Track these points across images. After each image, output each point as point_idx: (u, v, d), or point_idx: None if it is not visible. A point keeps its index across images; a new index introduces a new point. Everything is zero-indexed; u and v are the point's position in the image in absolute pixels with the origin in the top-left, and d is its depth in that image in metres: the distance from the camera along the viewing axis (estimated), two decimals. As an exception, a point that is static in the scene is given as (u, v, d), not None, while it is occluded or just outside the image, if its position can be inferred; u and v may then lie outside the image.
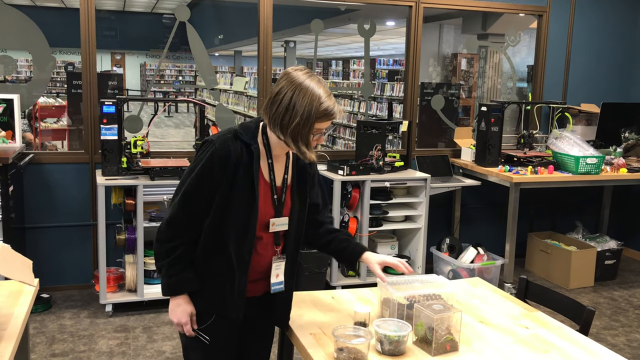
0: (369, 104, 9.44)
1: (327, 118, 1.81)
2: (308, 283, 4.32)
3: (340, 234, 2.18)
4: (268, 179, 1.93)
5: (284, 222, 1.98)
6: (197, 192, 1.86)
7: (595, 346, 1.97)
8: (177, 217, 1.89)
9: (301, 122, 1.78)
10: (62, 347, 3.60)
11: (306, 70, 1.85)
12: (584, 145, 4.81)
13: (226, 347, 2.01)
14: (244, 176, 1.86)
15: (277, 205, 1.95)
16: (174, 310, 1.94)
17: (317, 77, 1.84)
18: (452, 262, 4.72)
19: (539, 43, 5.43)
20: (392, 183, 4.54)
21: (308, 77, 1.82)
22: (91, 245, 4.46)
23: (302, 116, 1.78)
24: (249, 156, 1.86)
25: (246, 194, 1.86)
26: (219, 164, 1.83)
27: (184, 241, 1.90)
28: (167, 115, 19.97)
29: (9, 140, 4.05)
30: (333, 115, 1.82)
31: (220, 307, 1.93)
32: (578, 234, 5.35)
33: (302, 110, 1.78)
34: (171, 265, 1.90)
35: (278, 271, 2.00)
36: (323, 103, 1.79)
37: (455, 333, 1.87)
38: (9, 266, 1.85)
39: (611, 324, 4.24)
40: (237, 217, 1.86)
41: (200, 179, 1.85)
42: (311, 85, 1.80)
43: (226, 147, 1.84)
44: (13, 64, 4.58)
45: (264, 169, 1.92)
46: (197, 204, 1.87)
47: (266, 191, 1.93)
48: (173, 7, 14.49)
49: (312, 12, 8.32)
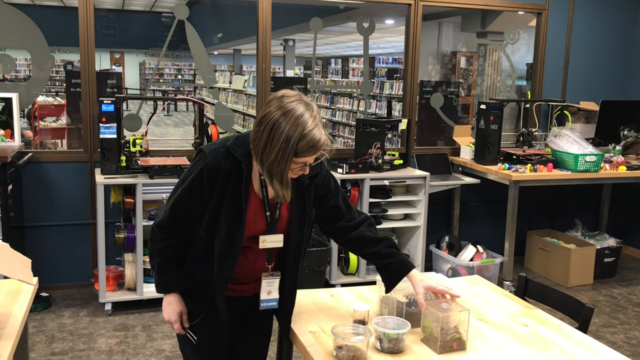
0: (368, 102, 9.44)
1: (310, 152, 1.70)
2: (307, 281, 4.32)
3: (384, 246, 1.99)
4: (260, 195, 1.88)
5: (277, 239, 1.91)
6: (185, 204, 1.86)
7: (595, 344, 1.97)
8: (166, 223, 1.91)
9: (277, 158, 1.68)
10: (61, 345, 3.60)
11: (297, 96, 1.72)
12: (583, 143, 4.81)
13: (218, 342, 2.02)
14: (233, 192, 1.82)
15: (269, 223, 1.90)
16: (165, 308, 1.98)
17: (310, 105, 1.72)
18: (452, 260, 4.73)
19: (538, 41, 5.43)
20: (391, 181, 4.54)
21: (297, 103, 1.70)
22: (90, 244, 4.46)
23: (278, 152, 1.67)
24: (239, 173, 1.82)
25: (234, 209, 1.83)
26: (208, 179, 1.81)
27: (176, 242, 1.92)
28: (166, 114, 19.97)
29: (8, 139, 4.04)
30: (315, 149, 1.70)
31: (208, 309, 1.95)
32: (577, 232, 5.36)
33: (280, 146, 1.66)
34: (163, 264, 1.92)
35: (270, 288, 1.96)
36: (306, 135, 1.67)
37: (463, 332, 1.88)
38: (8, 265, 1.85)
39: (610, 321, 4.24)
40: (223, 231, 1.84)
41: (190, 193, 1.84)
42: (295, 116, 1.67)
43: (217, 163, 1.80)
44: (12, 63, 4.58)
45: (256, 183, 1.87)
46: (185, 214, 1.88)
47: (257, 206, 1.88)
48: (172, 5, 14.43)
49: (311, 11, 8.33)
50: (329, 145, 1.75)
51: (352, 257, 4.53)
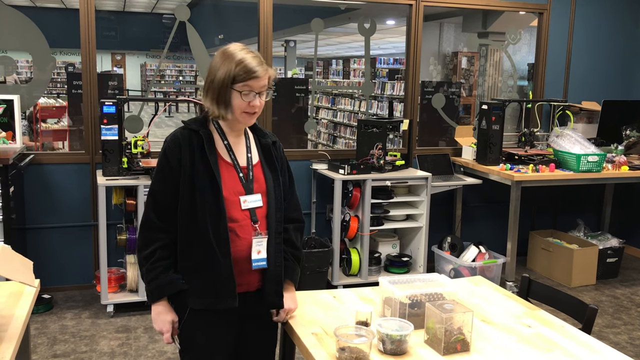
0: (370, 103, 9.43)
1: (248, 75, 1.86)
2: (309, 283, 4.31)
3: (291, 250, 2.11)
4: (230, 160, 1.97)
5: (256, 198, 1.99)
6: (161, 187, 1.94)
7: (598, 344, 1.97)
8: (149, 219, 1.95)
9: (217, 81, 1.87)
10: (63, 347, 3.59)
11: (239, 44, 1.94)
12: (585, 143, 4.80)
13: (222, 349, 2.00)
14: (200, 160, 1.91)
15: (245, 183, 1.98)
16: (155, 319, 1.97)
17: (251, 50, 1.92)
18: (454, 260, 4.72)
19: (539, 41, 5.42)
20: (393, 182, 4.53)
21: (235, 46, 1.92)
22: (92, 246, 4.45)
23: (217, 75, 1.88)
24: (200, 141, 1.93)
25: (207, 176, 1.91)
26: (172, 155, 1.92)
27: (161, 245, 1.93)
28: (167, 116, 19.96)
29: (10, 141, 4.04)
30: (254, 71, 1.86)
31: (213, 300, 1.93)
32: (580, 232, 5.34)
33: (219, 70, 1.88)
34: (149, 270, 1.93)
35: (259, 247, 1.98)
36: (243, 62, 1.86)
37: (466, 333, 1.87)
38: (10, 267, 1.85)
39: (613, 322, 4.23)
40: (205, 202, 1.89)
41: (161, 174, 1.95)
42: (234, 50, 1.90)
43: (176, 139, 1.94)
44: (13, 65, 4.58)
45: (222, 151, 1.97)
46: (164, 200, 1.94)
47: (230, 171, 1.96)
48: (173, 7, 14.48)
49: (312, 11, 8.33)
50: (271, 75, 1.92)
51: (354, 258, 4.53)
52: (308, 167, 4.81)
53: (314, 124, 5.17)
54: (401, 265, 4.69)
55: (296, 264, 2.13)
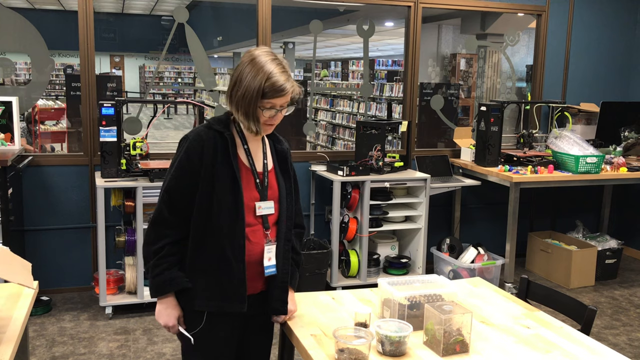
0: (368, 105, 9.44)
1: (276, 93, 1.83)
2: (308, 284, 4.31)
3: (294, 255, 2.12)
4: (248, 164, 1.97)
5: (269, 205, 1.99)
6: (178, 185, 1.91)
7: (597, 345, 1.97)
8: (161, 216, 1.92)
9: (247, 94, 1.83)
10: (62, 349, 3.59)
11: (267, 50, 1.89)
12: (583, 144, 4.80)
13: (226, 351, 2.00)
14: (222, 162, 1.90)
15: (261, 189, 1.97)
16: (160, 312, 1.96)
17: (279, 58, 1.88)
18: (453, 262, 4.72)
19: (538, 42, 5.43)
20: (391, 183, 4.53)
21: (265, 55, 1.86)
22: (91, 248, 4.45)
23: (247, 88, 1.83)
24: (223, 143, 1.91)
25: (228, 179, 1.90)
26: (195, 153, 1.89)
27: (170, 241, 1.92)
28: (166, 117, 19.98)
29: (8, 143, 4.04)
30: (282, 90, 1.84)
31: (221, 303, 1.92)
32: (578, 234, 5.35)
33: (248, 82, 1.83)
34: (156, 266, 1.92)
35: (270, 255, 1.99)
36: (272, 78, 1.82)
37: (465, 334, 1.87)
38: (8, 269, 1.85)
39: (612, 323, 4.23)
40: (224, 204, 1.88)
41: (180, 172, 1.91)
42: (264, 61, 1.84)
43: (199, 138, 1.90)
44: (12, 67, 4.58)
45: (242, 155, 1.96)
46: (180, 199, 1.91)
47: (248, 176, 1.96)
48: (171, 9, 14.48)
49: (310, 13, 8.33)
50: (297, 93, 1.90)
51: (353, 260, 4.53)
52: (307, 169, 4.81)
53: (313, 125, 5.17)
54: (400, 266, 4.69)
55: (296, 269, 2.14)
